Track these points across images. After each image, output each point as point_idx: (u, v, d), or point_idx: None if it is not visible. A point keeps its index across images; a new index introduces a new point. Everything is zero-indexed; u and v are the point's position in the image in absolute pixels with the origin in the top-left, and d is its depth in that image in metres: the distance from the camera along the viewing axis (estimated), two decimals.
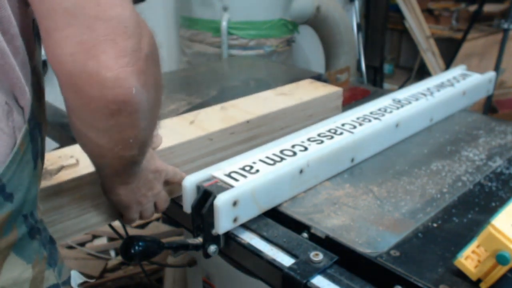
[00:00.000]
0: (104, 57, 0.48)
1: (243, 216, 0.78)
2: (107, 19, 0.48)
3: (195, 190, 0.81)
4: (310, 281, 0.67)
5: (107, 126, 0.53)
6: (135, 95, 0.51)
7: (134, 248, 0.72)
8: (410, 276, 0.65)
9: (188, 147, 0.86)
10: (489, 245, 0.60)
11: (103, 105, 0.51)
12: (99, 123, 0.53)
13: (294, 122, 1.03)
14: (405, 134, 1.08)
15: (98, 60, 0.48)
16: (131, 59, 0.50)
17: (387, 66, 4.09)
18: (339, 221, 0.78)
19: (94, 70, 0.48)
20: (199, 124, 0.91)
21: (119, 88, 0.50)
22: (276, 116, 0.99)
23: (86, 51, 0.48)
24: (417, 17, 3.66)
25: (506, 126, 1.16)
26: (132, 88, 0.50)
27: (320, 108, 1.08)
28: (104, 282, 1.90)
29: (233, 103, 1.02)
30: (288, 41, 2.50)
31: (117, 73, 0.49)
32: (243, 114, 0.96)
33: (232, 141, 0.93)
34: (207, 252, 0.79)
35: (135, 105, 0.52)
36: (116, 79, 0.49)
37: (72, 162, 0.75)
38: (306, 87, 1.13)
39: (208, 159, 0.90)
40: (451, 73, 1.36)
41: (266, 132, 0.98)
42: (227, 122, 0.92)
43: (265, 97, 1.06)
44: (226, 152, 0.92)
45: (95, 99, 0.50)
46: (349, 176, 0.93)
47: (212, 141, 0.89)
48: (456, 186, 0.89)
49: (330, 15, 2.64)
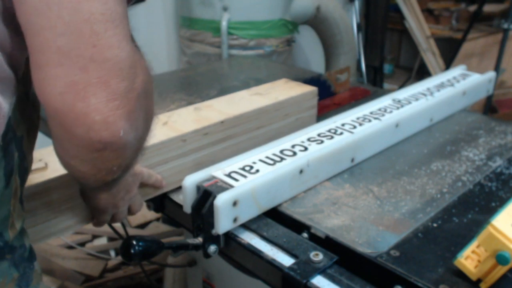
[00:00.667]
0: (94, 100, 0.47)
1: (243, 216, 0.78)
2: (102, 61, 0.47)
3: (195, 190, 0.81)
4: (310, 281, 0.67)
5: (91, 158, 0.52)
6: (122, 136, 0.50)
7: (134, 248, 0.72)
8: (410, 276, 0.65)
9: (161, 148, 0.85)
10: (489, 245, 0.60)
11: (88, 144, 0.50)
12: (82, 156, 0.52)
13: (270, 122, 1.03)
14: (405, 134, 1.08)
15: (87, 103, 0.47)
16: (122, 101, 0.49)
17: (387, 66, 4.09)
18: (339, 221, 0.78)
19: (82, 112, 0.47)
20: (172, 125, 0.90)
21: (106, 131, 0.48)
22: (251, 116, 0.98)
23: (76, 92, 0.46)
24: (417, 17, 3.66)
25: (506, 126, 1.16)
26: (120, 130, 0.49)
27: (295, 108, 1.08)
28: (104, 282, 1.90)
29: (208, 104, 1.01)
30: (288, 41, 2.50)
31: (106, 117, 0.48)
32: (217, 115, 0.95)
33: (206, 141, 0.92)
34: (207, 252, 0.79)
35: (122, 144, 0.51)
36: (104, 123, 0.48)
37: (41, 166, 0.73)
38: (281, 86, 1.13)
39: (182, 160, 0.89)
40: (451, 73, 1.36)
41: (241, 132, 0.97)
42: (201, 122, 0.91)
43: (240, 97, 1.05)
44: (200, 153, 0.91)
45: (80, 138, 0.49)
46: (349, 176, 0.93)
47: (186, 142, 0.88)
48: (456, 186, 0.89)
49: (330, 15, 2.63)
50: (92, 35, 0.46)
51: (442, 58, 3.60)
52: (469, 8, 3.89)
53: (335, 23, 2.67)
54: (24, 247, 0.56)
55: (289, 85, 1.13)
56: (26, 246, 0.57)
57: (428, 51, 3.60)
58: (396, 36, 4.34)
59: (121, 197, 0.75)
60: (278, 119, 1.04)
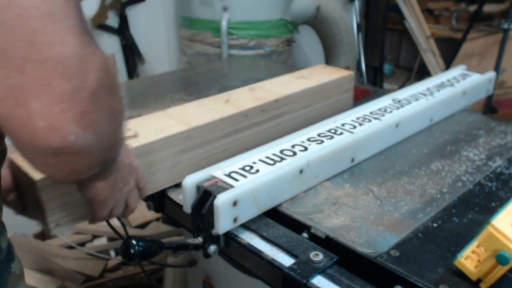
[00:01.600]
0: (35, 104, 0.42)
1: (243, 216, 0.78)
2: (40, 61, 0.42)
3: (195, 190, 0.81)
4: (310, 281, 0.67)
5: (51, 163, 0.48)
6: (75, 141, 0.45)
7: (134, 248, 0.72)
8: (410, 276, 0.65)
9: (228, 122, 0.95)
10: (489, 245, 0.60)
11: (37, 150, 0.45)
12: (41, 160, 0.48)
13: (314, 102, 1.13)
14: (405, 134, 1.08)
15: (28, 108, 0.42)
16: (70, 103, 0.44)
17: (387, 66, 4.09)
18: (339, 221, 0.78)
19: (23, 118, 0.43)
20: (234, 103, 1.00)
21: (53, 137, 0.44)
22: (299, 96, 1.09)
23: (14, 97, 0.42)
24: (417, 17, 3.66)
25: (506, 126, 1.16)
26: (69, 135, 0.45)
27: (335, 90, 1.18)
28: (104, 282, 1.90)
29: (259, 85, 1.12)
30: (288, 41, 2.50)
31: (50, 122, 0.43)
32: (271, 94, 1.05)
33: (263, 117, 1.02)
34: (207, 252, 0.79)
35: (77, 149, 0.46)
36: (49, 129, 0.44)
37: (132, 134, 0.83)
38: (321, 71, 1.23)
39: (244, 133, 0.99)
40: (451, 73, 1.36)
41: (291, 110, 1.08)
42: (258, 101, 1.02)
43: (287, 80, 1.16)
44: (258, 128, 1.02)
45: (28, 145, 0.45)
46: (349, 176, 0.93)
47: (247, 117, 0.99)
48: (456, 186, 0.89)
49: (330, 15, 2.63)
50: (27, 33, 0.42)
51: (442, 58, 3.59)
52: (469, 8, 3.89)
53: (335, 23, 2.67)
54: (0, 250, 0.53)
55: (327, 69, 1.24)
56: (2, 247, 0.54)
57: (428, 51, 3.60)
58: (396, 36, 4.34)
59: (119, 188, 0.70)
60: (320, 100, 1.15)
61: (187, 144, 0.89)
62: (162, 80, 1.49)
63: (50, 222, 0.72)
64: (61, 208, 0.73)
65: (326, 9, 2.59)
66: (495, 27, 3.53)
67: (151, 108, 1.19)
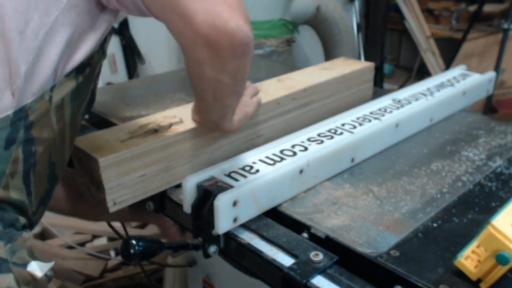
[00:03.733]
0: (225, 14, 0.61)
1: (243, 216, 0.78)
2: None
3: (195, 190, 0.81)
4: (310, 281, 0.67)
5: (233, 66, 0.66)
6: (250, 36, 0.64)
7: (134, 248, 0.72)
8: (410, 276, 0.65)
9: (262, 109, 0.99)
10: (489, 245, 0.60)
11: (232, 51, 0.63)
12: (228, 66, 0.66)
13: (337, 92, 1.19)
14: (405, 134, 1.08)
15: (222, 17, 0.61)
16: (239, 11, 0.62)
17: (387, 66, 4.09)
18: (339, 221, 0.78)
19: (222, 25, 0.61)
20: (266, 92, 1.05)
21: (241, 33, 0.62)
22: (324, 85, 1.15)
23: (211, 15, 0.60)
24: (417, 17, 3.66)
25: (506, 126, 1.16)
26: (248, 31, 0.63)
27: (357, 80, 1.24)
28: (104, 282, 1.90)
29: (287, 76, 1.17)
30: (288, 41, 2.50)
31: (236, 22, 0.61)
32: (299, 84, 1.10)
33: (293, 105, 1.08)
34: (207, 252, 0.79)
35: (251, 44, 0.65)
36: (237, 27, 0.61)
37: (178, 120, 0.90)
38: (342, 63, 1.29)
39: (276, 120, 1.05)
40: (451, 73, 1.36)
41: (318, 99, 1.14)
42: (288, 90, 1.07)
43: (311, 71, 1.22)
44: (289, 115, 1.08)
45: (226, 47, 0.62)
46: (349, 176, 0.93)
47: (279, 105, 1.04)
48: (456, 186, 0.89)
49: (330, 15, 2.64)
50: None
51: (442, 58, 3.60)
52: (469, 8, 3.89)
53: (335, 23, 2.67)
54: (16, 217, 0.64)
55: (348, 61, 1.30)
56: (19, 218, 0.64)
57: (428, 51, 3.61)
58: (396, 36, 4.34)
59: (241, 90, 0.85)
60: (343, 90, 1.21)
61: None
62: (162, 80, 1.49)
63: (109, 201, 0.80)
64: (118, 188, 0.81)
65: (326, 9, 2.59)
66: (495, 27, 3.53)
67: (151, 108, 1.19)
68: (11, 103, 0.60)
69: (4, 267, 0.58)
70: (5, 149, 0.61)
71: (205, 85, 0.72)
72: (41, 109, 0.63)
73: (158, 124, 0.89)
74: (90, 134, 0.87)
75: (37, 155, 0.65)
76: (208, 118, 0.83)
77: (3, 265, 0.58)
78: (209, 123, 0.85)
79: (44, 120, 0.64)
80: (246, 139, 0.99)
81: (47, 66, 0.63)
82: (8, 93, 0.60)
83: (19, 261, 0.60)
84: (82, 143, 0.82)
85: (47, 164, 0.68)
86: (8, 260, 0.58)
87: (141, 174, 0.83)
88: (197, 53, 0.65)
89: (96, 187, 0.81)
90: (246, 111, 0.89)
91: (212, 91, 0.73)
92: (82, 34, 0.66)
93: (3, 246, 0.59)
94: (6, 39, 0.59)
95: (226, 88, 0.72)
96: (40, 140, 0.65)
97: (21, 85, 0.60)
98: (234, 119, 0.85)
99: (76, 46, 0.66)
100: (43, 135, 0.65)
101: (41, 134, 0.65)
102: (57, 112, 0.66)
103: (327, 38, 2.75)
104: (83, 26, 0.66)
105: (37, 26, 0.60)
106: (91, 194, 0.84)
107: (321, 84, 1.13)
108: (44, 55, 0.62)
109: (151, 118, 0.92)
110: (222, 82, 0.69)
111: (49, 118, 0.65)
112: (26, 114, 0.62)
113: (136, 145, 0.81)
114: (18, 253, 0.60)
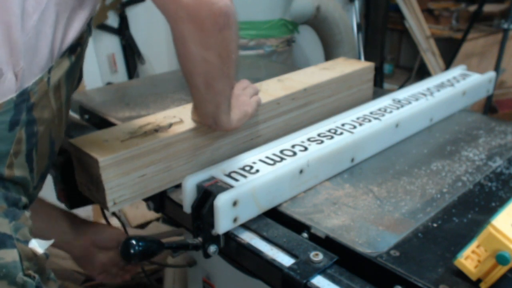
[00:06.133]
0: None
1: (243, 216, 0.78)
2: None
3: (195, 190, 0.81)
4: (310, 281, 0.67)
5: (217, 41, 0.68)
6: (231, 7, 0.67)
7: (134, 248, 0.72)
8: (410, 276, 0.65)
9: (262, 109, 1.00)
10: (489, 245, 0.60)
11: (213, 22, 0.66)
12: (211, 41, 0.68)
13: (338, 91, 1.19)
14: (405, 134, 1.08)
15: None
16: None
17: (387, 66, 4.10)
18: (339, 221, 0.78)
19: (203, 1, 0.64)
20: (266, 92, 1.05)
21: (220, 2, 0.65)
22: (325, 85, 1.15)
23: None
24: (417, 17, 3.66)
25: (506, 126, 1.16)
26: (228, 1, 0.66)
27: (357, 80, 1.24)
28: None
29: (287, 76, 1.18)
30: (288, 41, 2.50)
31: None
32: (299, 84, 1.11)
33: (293, 105, 1.08)
34: (207, 252, 0.79)
35: (233, 17, 0.68)
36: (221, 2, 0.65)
37: (178, 120, 0.91)
38: (342, 63, 1.29)
39: (276, 120, 1.05)
40: (451, 73, 1.36)
41: (318, 98, 1.14)
42: (288, 90, 1.07)
43: (311, 71, 1.23)
44: (289, 115, 1.08)
45: (206, 17, 0.65)
46: (349, 176, 0.93)
47: (279, 105, 1.04)
48: (456, 186, 0.89)
49: (330, 15, 2.64)
50: None
51: (442, 58, 3.60)
52: (469, 8, 3.89)
53: (335, 23, 2.67)
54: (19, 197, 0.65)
55: (349, 61, 1.31)
56: (21, 198, 0.66)
57: (428, 51, 3.61)
58: (396, 36, 4.34)
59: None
60: (344, 89, 1.21)
61: None
62: (162, 80, 1.49)
63: (109, 201, 0.80)
64: (118, 188, 0.81)
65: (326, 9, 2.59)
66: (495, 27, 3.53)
67: (151, 108, 1.19)
68: (14, 86, 0.62)
69: (10, 242, 0.60)
70: (10, 131, 0.63)
71: (192, 66, 0.73)
72: (41, 90, 0.65)
73: (158, 124, 0.89)
74: (90, 134, 0.87)
75: (38, 135, 0.67)
76: (205, 113, 0.84)
77: (9, 241, 0.60)
78: (206, 119, 0.85)
79: (44, 101, 0.67)
80: (246, 139, 0.99)
81: (44, 46, 0.64)
82: (11, 74, 0.62)
83: (22, 238, 0.62)
84: (82, 143, 0.82)
85: (48, 142, 0.70)
86: (12, 236, 0.60)
87: (141, 174, 0.83)
88: (181, 29, 0.67)
89: (96, 187, 0.81)
90: (246, 110, 0.89)
91: (201, 74, 0.74)
92: (73, 13, 0.68)
93: (8, 223, 0.61)
94: (9, 20, 0.60)
95: (214, 69, 0.73)
96: (41, 120, 0.67)
97: (24, 66, 0.62)
98: (233, 118, 0.85)
99: (68, 25, 0.68)
100: (44, 115, 0.67)
101: (42, 114, 0.67)
102: (55, 93, 0.68)
103: (327, 38, 2.75)
104: (73, 4, 0.67)
105: (32, 6, 0.62)
106: (91, 194, 0.84)
107: (321, 84, 1.13)
108: (41, 34, 0.64)
109: (151, 118, 0.92)
110: (208, 61, 0.71)
111: (48, 99, 0.67)
112: (28, 96, 0.64)
113: (136, 145, 0.81)
114: (21, 231, 0.62)
